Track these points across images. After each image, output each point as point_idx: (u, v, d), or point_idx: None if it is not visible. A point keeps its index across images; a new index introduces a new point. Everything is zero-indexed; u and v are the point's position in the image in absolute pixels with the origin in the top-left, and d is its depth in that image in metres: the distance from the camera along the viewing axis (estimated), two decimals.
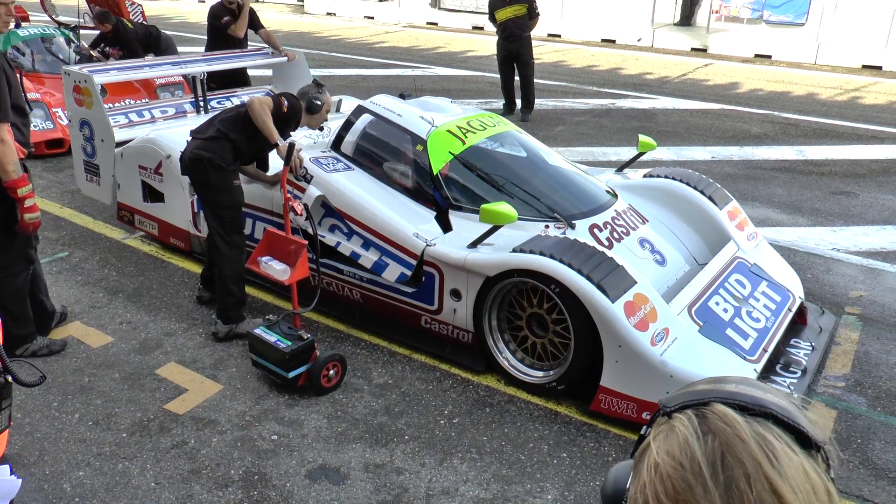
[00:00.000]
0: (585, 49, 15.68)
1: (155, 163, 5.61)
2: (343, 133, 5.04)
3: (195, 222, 5.54)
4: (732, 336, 3.98)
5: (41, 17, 12.75)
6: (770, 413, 0.81)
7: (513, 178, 4.73)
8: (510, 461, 3.58)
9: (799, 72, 13.44)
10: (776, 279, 4.65)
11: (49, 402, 3.97)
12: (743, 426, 0.79)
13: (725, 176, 7.77)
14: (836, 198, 7.24)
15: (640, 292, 3.82)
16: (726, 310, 4.14)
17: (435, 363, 4.38)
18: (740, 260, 4.62)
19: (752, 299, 4.34)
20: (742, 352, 3.90)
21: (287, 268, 3.99)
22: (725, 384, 0.87)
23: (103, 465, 3.52)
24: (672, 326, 3.80)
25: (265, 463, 3.53)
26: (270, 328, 4.11)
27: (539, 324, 4.09)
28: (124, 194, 5.98)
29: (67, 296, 5.12)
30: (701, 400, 0.84)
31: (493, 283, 4.07)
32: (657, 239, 4.69)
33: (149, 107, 7.19)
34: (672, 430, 0.82)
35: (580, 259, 3.81)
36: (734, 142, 9.04)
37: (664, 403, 0.87)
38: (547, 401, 4.03)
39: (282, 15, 20.83)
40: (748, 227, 5.02)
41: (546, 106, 10.54)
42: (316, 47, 15.45)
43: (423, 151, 4.69)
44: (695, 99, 11.24)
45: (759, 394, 0.84)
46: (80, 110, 6.01)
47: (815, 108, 10.78)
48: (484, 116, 5.20)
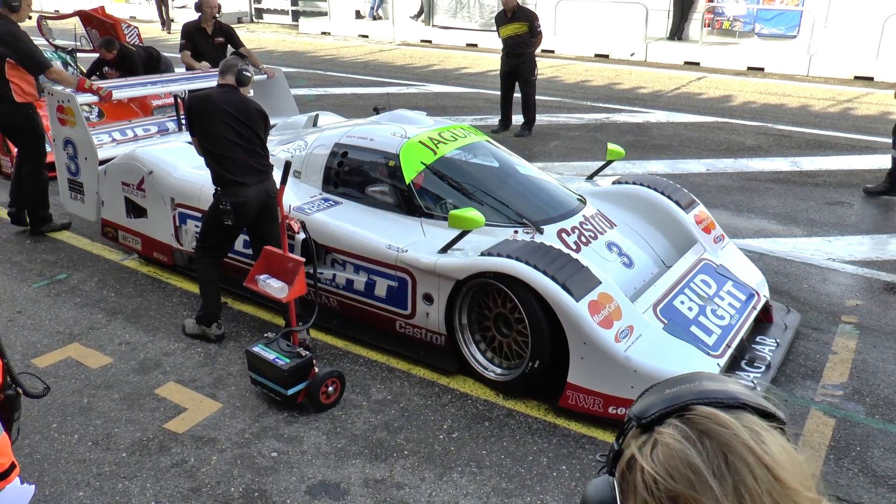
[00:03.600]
0: (579, 64, 15.78)
1: (137, 179, 5.72)
2: (328, 173, 5.22)
3: (177, 236, 5.64)
4: (697, 333, 4.12)
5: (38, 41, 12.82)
6: (745, 404, 0.83)
7: (483, 187, 4.93)
8: (510, 474, 3.59)
9: (792, 84, 13.53)
10: (741, 279, 4.79)
11: (48, 423, 3.97)
12: (735, 423, 0.80)
13: (720, 188, 7.81)
14: (830, 208, 7.28)
15: (605, 292, 3.96)
16: (691, 308, 4.29)
17: (434, 378, 4.39)
18: (706, 261, 4.78)
19: (718, 298, 4.48)
20: (706, 348, 4.03)
21: (285, 285, 4.00)
22: (690, 384, 0.86)
23: (103, 484, 3.52)
24: (636, 324, 3.94)
25: (265, 480, 3.54)
26: (269, 346, 4.12)
27: (506, 323, 4.23)
28: (108, 211, 6.09)
29: (66, 317, 5.13)
30: (678, 404, 0.83)
31: (462, 287, 4.23)
32: (625, 242, 4.84)
33: (132, 125, 7.32)
34: (660, 442, 0.81)
35: (545, 261, 3.97)
36: (728, 154, 9.09)
37: (637, 414, 0.86)
38: (546, 414, 4.04)
39: (276, 35, 20.95)
40: (715, 230, 5.17)
41: (541, 121, 10.60)
42: (311, 66, 15.54)
43: (397, 165, 4.88)
44: (689, 112, 11.31)
45: (727, 387, 0.85)
46: (63, 129, 6.14)
47: (808, 120, 10.85)
48: (455, 128, 5.40)
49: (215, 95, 4.62)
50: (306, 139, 5.59)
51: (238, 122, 4.57)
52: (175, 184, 5.53)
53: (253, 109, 4.64)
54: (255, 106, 4.67)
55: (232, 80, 4.65)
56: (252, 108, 4.65)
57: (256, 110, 4.65)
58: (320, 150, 5.34)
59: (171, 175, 5.57)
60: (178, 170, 5.59)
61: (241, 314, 5.21)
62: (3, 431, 2.11)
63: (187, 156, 5.52)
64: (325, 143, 5.36)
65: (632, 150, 9.33)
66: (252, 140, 4.63)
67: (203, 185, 5.21)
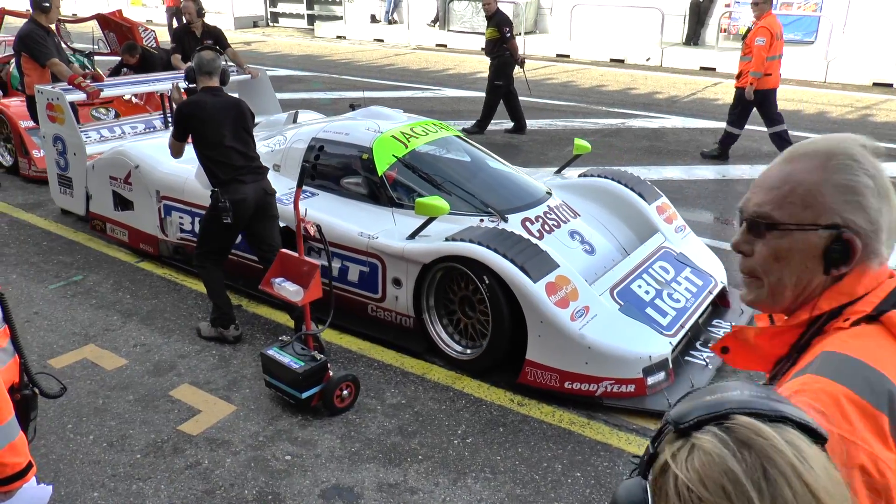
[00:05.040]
0: (594, 69, 15.74)
1: (124, 173, 6.03)
2: (306, 166, 5.41)
3: (162, 227, 5.90)
4: (651, 314, 4.38)
5: None
6: (786, 416, 0.81)
7: (451, 178, 5.21)
8: (524, 481, 3.57)
9: (809, 90, 13.44)
10: (700, 266, 5.05)
11: (64, 424, 3.99)
12: (777, 437, 0.78)
13: (737, 195, 7.76)
14: None
15: (562, 274, 4.22)
16: (648, 291, 4.56)
17: (448, 383, 4.38)
18: (666, 249, 5.05)
19: (675, 283, 4.75)
20: (659, 327, 4.30)
21: (300, 289, 4.01)
22: (729, 392, 0.84)
23: (118, 486, 3.53)
24: (592, 305, 4.18)
25: (279, 483, 3.53)
26: (283, 349, 4.12)
27: (470, 306, 4.47)
28: (96, 204, 6.40)
29: (82, 319, 5.16)
30: (718, 412, 0.82)
31: (429, 271, 4.48)
32: (588, 231, 5.10)
33: (120, 123, 7.63)
34: (698, 448, 0.79)
35: (506, 245, 4.22)
36: (744, 161, 9.03)
37: (674, 419, 0.84)
38: (560, 420, 4.02)
39: (292, 39, 21.04)
40: (677, 220, 5.44)
41: (556, 126, 10.59)
42: (326, 70, 15.59)
43: (370, 158, 5.12)
44: (704, 118, 11.25)
45: (765, 397, 0.84)
46: (53, 126, 6.47)
47: (826, 127, 10.77)
48: (427, 123, 5.68)
49: (209, 101, 4.65)
50: (286, 134, 5.91)
51: (234, 124, 4.67)
52: (160, 177, 5.83)
53: (245, 110, 4.78)
54: (245, 106, 4.82)
55: (217, 82, 4.74)
56: (244, 108, 4.79)
57: (249, 111, 4.81)
58: (299, 144, 5.62)
59: (156, 169, 5.87)
60: (163, 164, 5.85)
61: (255, 317, 5.21)
62: (20, 431, 2.12)
63: None
64: (303, 137, 5.65)
65: (647, 155, 9.30)
66: (248, 142, 4.75)
67: (187, 179, 5.60)
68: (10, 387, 2.18)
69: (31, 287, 5.65)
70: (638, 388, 4.06)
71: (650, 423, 3.99)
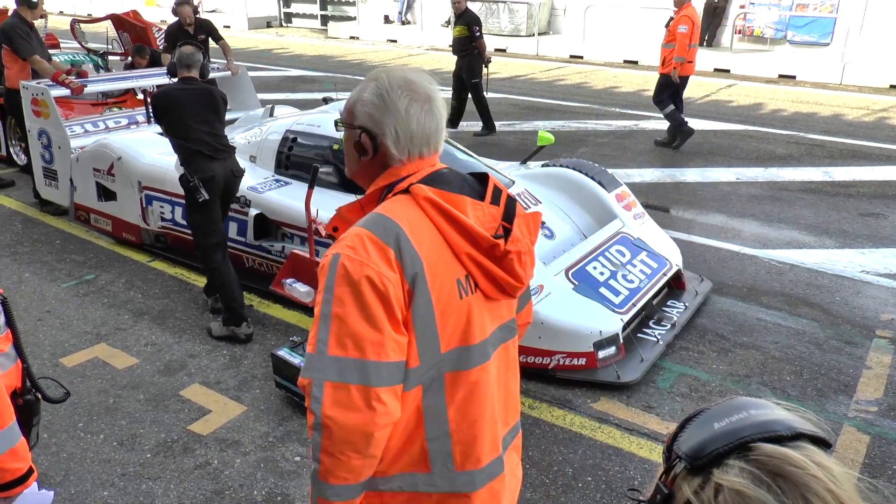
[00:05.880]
0: (608, 70, 15.68)
1: (107, 165, 6.22)
2: (280, 157, 5.72)
3: (144, 217, 6.10)
4: (605, 293, 4.63)
5: (71, 45, 13.00)
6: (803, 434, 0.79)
7: None
8: (534, 484, 3.54)
9: (824, 92, 13.34)
10: (656, 250, 5.29)
11: (75, 423, 4.00)
12: (808, 463, 0.74)
13: (750, 197, 7.70)
14: (864, 219, 7.14)
15: None
16: (602, 273, 4.81)
17: None
18: (624, 234, 5.31)
19: (630, 265, 5.00)
20: (612, 306, 4.54)
21: (311, 290, 4.00)
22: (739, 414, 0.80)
23: (127, 485, 3.53)
24: (546, 284, 4.43)
25: (288, 484, 3.52)
26: (294, 350, 4.12)
27: None
28: (80, 195, 6.61)
29: (94, 318, 5.17)
30: (735, 442, 0.78)
31: None
32: (548, 216, 5.31)
33: (103, 118, 7.80)
34: (727, 489, 0.75)
35: None
36: (759, 163, 8.97)
37: (689, 455, 0.79)
38: (571, 424, 4.00)
39: (305, 39, 21.08)
40: (636, 207, 5.67)
41: (569, 127, 10.55)
42: (339, 71, 15.60)
43: (341, 148, 5.29)
44: (718, 120, 11.18)
45: (778, 416, 0.80)
46: (38, 121, 6.70)
47: (841, 129, 10.68)
48: None
49: (180, 89, 4.85)
50: (261, 127, 6.16)
51: (204, 109, 4.84)
52: (142, 168, 6.04)
53: (216, 95, 4.97)
54: (217, 92, 5.01)
55: (196, 74, 4.91)
56: (215, 94, 4.98)
57: (220, 96, 4.99)
58: (273, 136, 5.86)
59: (138, 160, 6.08)
60: (144, 156, 6.10)
61: (266, 317, 5.21)
62: (21, 436, 2.11)
63: (154, 143, 6.19)
64: (277, 130, 5.89)
65: (660, 157, 9.25)
66: (214, 123, 4.92)
67: (167, 169, 5.76)
68: (12, 392, 2.17)
69: (43, 286, 5.68)
70: (589, 361, 4.33)
71: (662, 428, 3.96)
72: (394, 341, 1.60)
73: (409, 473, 1.75)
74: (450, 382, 1.72)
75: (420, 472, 1.75)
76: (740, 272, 5.89)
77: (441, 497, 1.77)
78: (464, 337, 1.72)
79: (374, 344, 1.58)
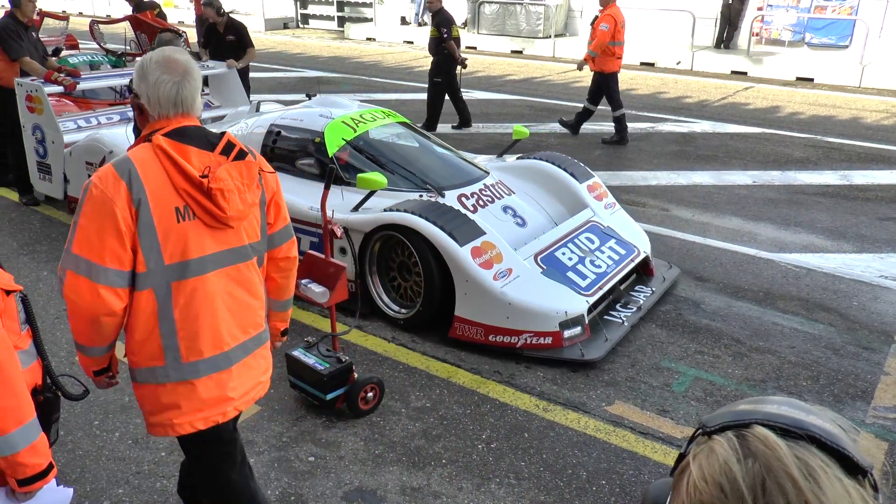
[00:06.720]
0: (624, 72, 15.58)
1: (99, 158, 6.38)
2: (265, 150, 5.87)
3: None
4: (572, 277, 4.86)
5: (90, 45, 13.12)
6: (813, 436, 0.78)
7: (395, 159, 5.77)
8: (548, 487, 3.53)
9: (842, 95, 13.23)
10: (625, 238, 5.51)
11: (90, 421, 4.03)
12: (784, 450, 0.77)
13: (767, 201, 7.65)
14: (883, 223, 7.08)
15: (488, 240, 4.71)
16: (571, 258, 5.04)
17: (473, 387, 4.36)
18: (594, 223, 5.55)
19: (598, 252, 5.22)
20: (578, 288, 4.77)
21: (326, 290, 4.00)
22: (766, 405, 0.85)
23: (142, 483, 3.55)
24: (515, 267, 4.67)
25: (302, 484, 3.53)
26: (309, 350, 4.13)
27: (408, 270, 4.96)
28: (73, 188, 6.82)
29: None
30: (741, 421, 0.83)
31: (370, 239, 4.98)
32: (521, 206, 5.59)
33: (96, 114, 7.91)
34: (712, 452, 0.81)
35: (435, 214, 4.74)
36: (776, 166, 8.91)
37: (705, 423, 0.87)
38: (586, 427, 3.98)
39: (322, 40, 21.14)
40: (607, 198, 5.93)
41: (585, 130, 10.52)
42: (355, 72, 15.64)
43: (322, 141, 5.60)
44: (735, 122, 11.12)
45: (802, 416, 0.82)
46: (32, 116, 6.90)
47: (859, 132, 10.59)
48: (375, 111, 6.18)
49: None
50: (247, 122, 6.34)
51: None
52: None
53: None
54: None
55: None
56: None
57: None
58: (258, 130, 6.05)
59: None
60: None
61: None
62: (41, 432, 2.13)
63: None
64: (262, 124, 6.09)
65: (677, 159, 9.21)
66: None
67: None
68: (32, 389, 2.20)
69: None
70: (555, 340, 4.52)
71: (676, 432, 3.94)
72: (112, 252, 2.21)
73: (150, 368, 2.41)
74: (175, 290, 2.33)
75: (157, 365, 2.39)
76: (756, 276, 5.85)
77: (174, 385, 2.40)
78: (182, 254, 2.31)
79: (98, 250, 2.20)
